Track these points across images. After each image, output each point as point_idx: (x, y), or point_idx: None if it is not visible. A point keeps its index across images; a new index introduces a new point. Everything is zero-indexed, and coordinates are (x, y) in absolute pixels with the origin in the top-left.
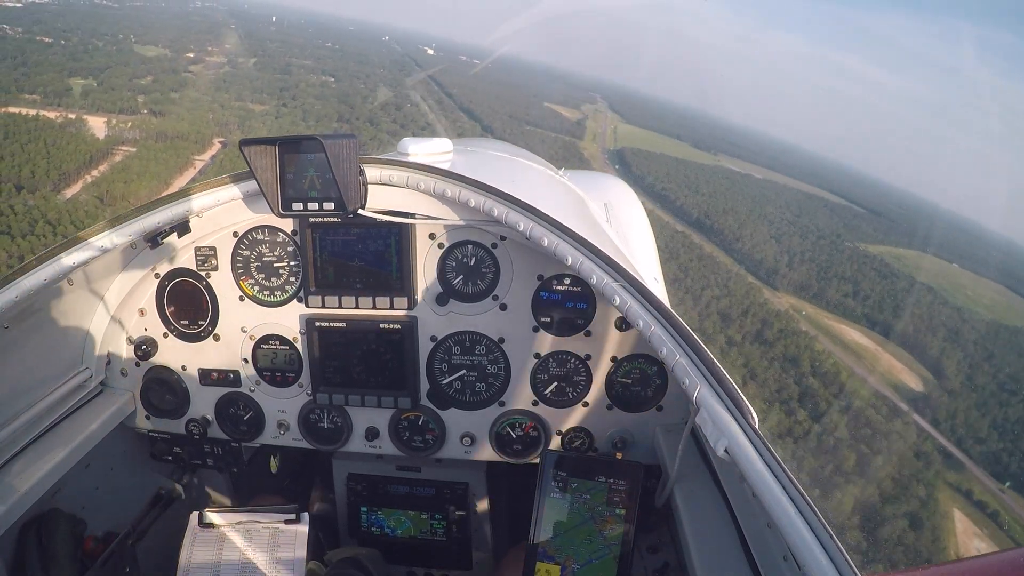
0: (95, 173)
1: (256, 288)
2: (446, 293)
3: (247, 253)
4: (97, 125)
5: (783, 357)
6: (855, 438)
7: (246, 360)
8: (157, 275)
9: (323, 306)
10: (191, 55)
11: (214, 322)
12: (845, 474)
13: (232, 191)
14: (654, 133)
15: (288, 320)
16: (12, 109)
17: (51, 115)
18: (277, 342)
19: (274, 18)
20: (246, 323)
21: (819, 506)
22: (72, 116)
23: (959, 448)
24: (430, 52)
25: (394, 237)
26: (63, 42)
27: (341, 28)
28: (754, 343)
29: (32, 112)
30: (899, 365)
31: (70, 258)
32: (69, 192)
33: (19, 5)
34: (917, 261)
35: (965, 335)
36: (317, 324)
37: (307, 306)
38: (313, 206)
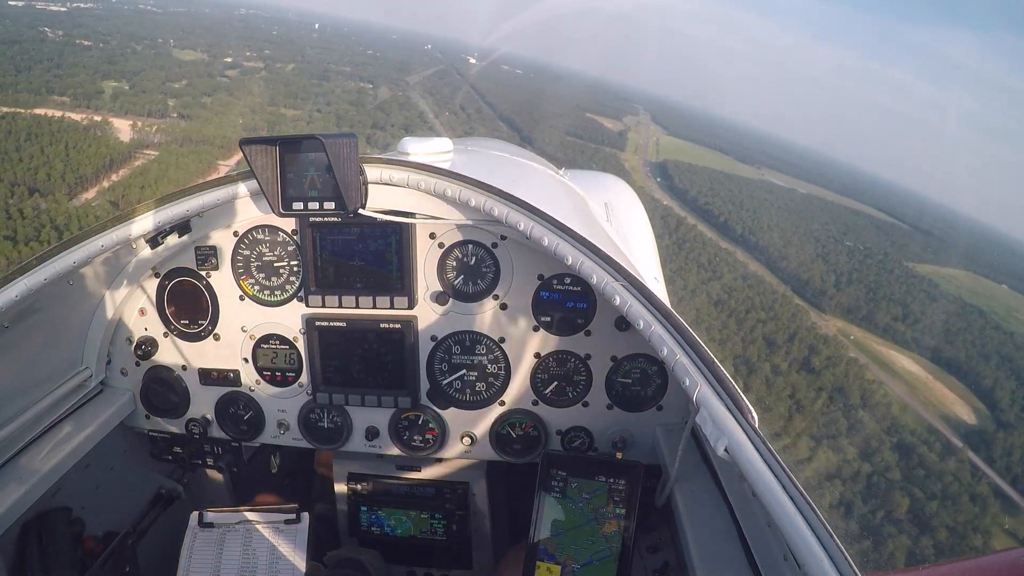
0: (113, 177)
1: (256, 287)
2: (446, 292)
3: (247, 252)
4: (123, 128)
5: (831, 387)
6: (908, 479)
7: (246, 360)
8: (157, 275)
9: (323, 306)
10: (229, 60)
11: (214, 322)
12: (897, 522)
13: (232, 190)
14: (697, 146)
15: (288, 320)
16: (39, 111)
17: (77, 117)
18: (277, 341)
19: (317, 26)
20: (246, 323)
21: (819, 506)
22: (98, 118)
23: (1016, 489)
24: (472, 61)
25: (394, 237)
26: (102, 45)
27: (384, 37)
28: (801, 371)
29: (58, 114)
30: (951, 395)
31: (70, 258)
32: (84, 196)
33: (63, 9)
34: (966, 282)
35: (1019, 362)
36: (317, 324)
37: (307, 305)
38: (314, 205)
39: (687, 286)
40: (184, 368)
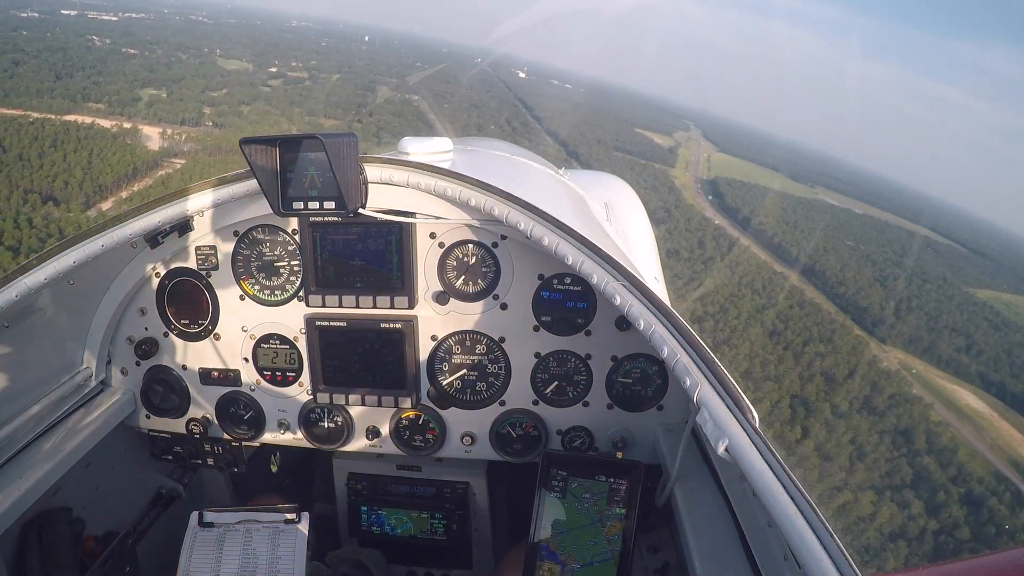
0: (135, 187)
1: (257, 287)
2: (446, 292)
3: (248, 252)
4: (153, 136)
5: (894, 430)
6: (977, 538)
7: (247, 359)
8: (157, 274)
9: (323, 305)
10: (273, 69)
11: (214, 321)
12: None
13: (233, 190)
14: (749, 163)
15: (289, 319)
16: (71, 117)
17: (107, 124)
18: (277, 341)
19: (367, 38)
20: (246, 322)
21: (819, 505)
22: (128, 126)
23: None
24: (522, 75)
25: (394, 236)
26: (147, 54)
27: (434, 49)
28: (862, 412)
29: (88, 120)
30: (1018, 436)
31: (70, 258)
32: (101, 206)
33: (115, 19)
34: None
35: None
36: (317, 323)
37: (308, 305)
38: (314, 205)
39: (740, 314)
40: (184, 368)
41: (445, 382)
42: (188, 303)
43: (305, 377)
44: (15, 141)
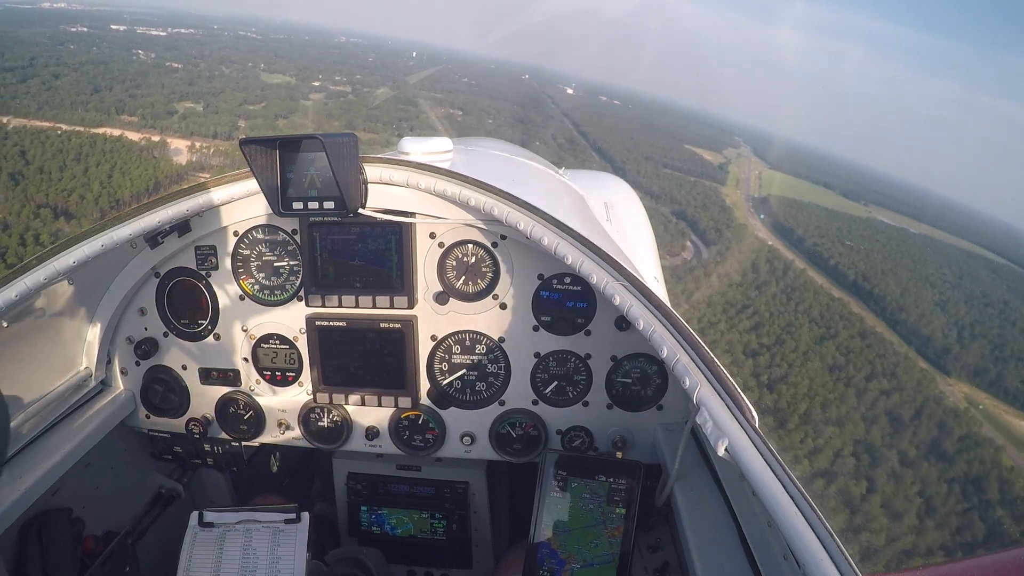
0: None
1: (256, 287)
2: (446, 292)
3: (247, 252)
4: (183, 149)
5: (965, 478)
6: None
7: (246, 359)
8: (157, 274)
9: (323, 305)
10: (316, 83)
11: (214, 321)
12: None
13: (232, 190)
14: (801, 180)
15: (288, 319)
16: (101, 130)
17: (135, 137)
18: (277, 341)
19: (414, 54)
20: (246, 322)
21: (819, 504)
22: (156, 139)
23: None
24: (570, 92)
25: (394, 236)
26: (191, 68)
27: (482, 66)
28: (930, 458)
29: (116, 133)
30: None
31: (70, 257)
32: None
33: (163, 34)
34: None
35: None
36: (317, 323)
37: (307, 305)
38: (313, 205)
39: (798, 347)
40: (184, 368)
41: (445, 382)
42: (188, 303)
43: (305, 377)
44: (38, 153)
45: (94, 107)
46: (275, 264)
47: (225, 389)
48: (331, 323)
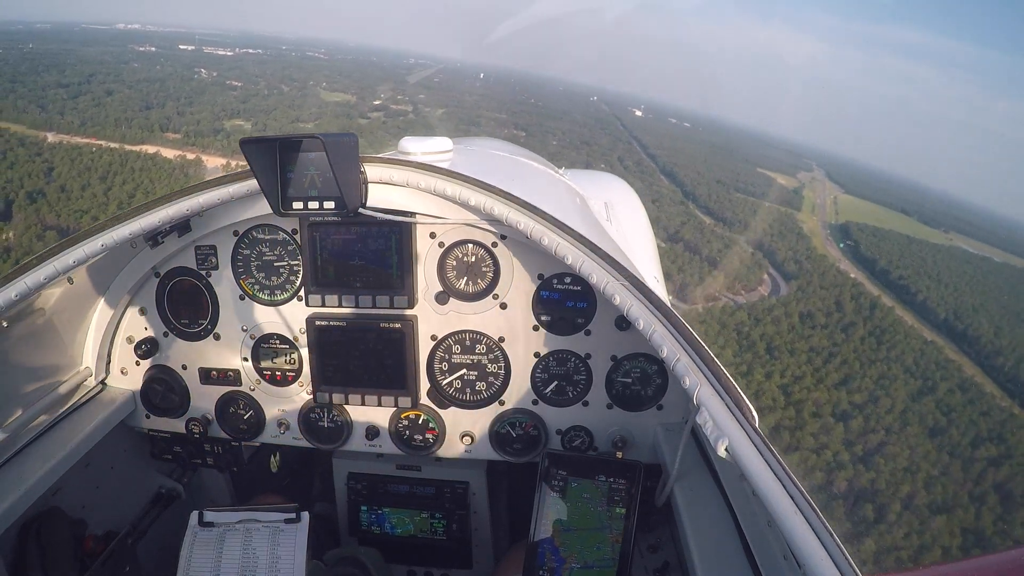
0: None
1: (256, 287)
2: (446, 292)
3: (247, 252)
4: (219, 168)
5: None
6: None
7: (246, 359)
8: (157, 274)
9: (323, 305)
10: (378, 102)
11: (214, 321)
12: None
13: (232, 190)
14: (877, 206)
15: (288, 319)
16: (140, 147)
17: (170, 155)
18: (277, 341)
19: (481, 75)
20: (246, 322)
21: (819, 505)
22: (191, 157)
23: None
24: (638, 113)
25: (394, 236)
26: (251, 86)
27: (550, 87)
28: None
29: (151, 150)
30: None
31: (70, 257)
32: None
33: (230, 54)
34: None
35: None
36: (317, 323)
37: (307, 305)
38: (313, 205)
39: (894, 406)
40: (184, 368)
41: (445, 382)
42: (188, 303)
43: (305, 377)
44: (65, 171)
45: (138, 124)
46: (275, 264)
47: (225, 389)
48: (331, 323)
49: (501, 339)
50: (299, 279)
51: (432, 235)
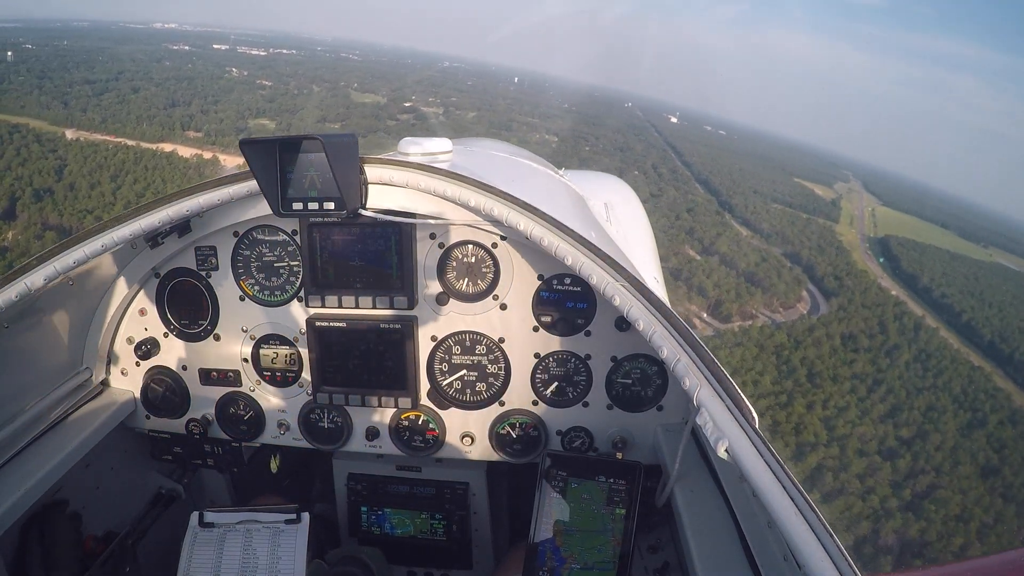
0: None
1: (256, 288)
2: (446, 293)
3: (247, 253)
4: (236, 167)
5: None
6: None
7: (246, 360)
8: (157, 275)
9: (323, 306)
10: (408, 104)
11: (214, 322)
12: None
13: (232, 191)
14: (915, 218)
15: (288, 320)
16: (156, 145)
17: (186, 154)
18: (277, 342)
19: (516, 79)
20: (246, 323)
21: (819, 505)
22: (208, 156)
23: None
24: (673, 120)
25: (394, 237)
26: (280, 86)
27: (584, 92)
28: None
29: (168, 148)
30: None
31: (70, 257)
32: None
33: (263, 54)
34: None
35: None
36: (317, 324)
37: (307, 306)
38: (313, 206)
39: (944, 443)
40: (184, 368)
41: (445, 382)
42: (188, 303)
43: (305, 378)
44: (76, 168)
45: (160, 122)
46: (275, 265)
47: (225, 390)
48: (331, 324)
49: (501, 340)
50: (299, 280)
51: (432, 236)
